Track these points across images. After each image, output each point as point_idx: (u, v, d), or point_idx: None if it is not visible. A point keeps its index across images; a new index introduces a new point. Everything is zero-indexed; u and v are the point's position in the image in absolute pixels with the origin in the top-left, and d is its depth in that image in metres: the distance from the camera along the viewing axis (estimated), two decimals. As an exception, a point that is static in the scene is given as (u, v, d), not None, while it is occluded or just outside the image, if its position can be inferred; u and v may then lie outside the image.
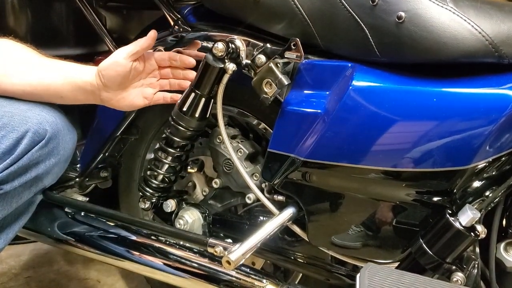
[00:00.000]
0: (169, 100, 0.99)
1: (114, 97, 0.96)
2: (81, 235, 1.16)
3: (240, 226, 1.09)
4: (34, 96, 0.95)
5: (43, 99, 0.96)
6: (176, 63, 0.97)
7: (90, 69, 0.95)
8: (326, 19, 0.85)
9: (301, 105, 0.88)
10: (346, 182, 0.87)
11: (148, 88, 0.98)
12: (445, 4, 0.77)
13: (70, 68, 0.96)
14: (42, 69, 0.95)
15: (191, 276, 1.04)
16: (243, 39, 0.93)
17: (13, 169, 0.86)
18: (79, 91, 0.95)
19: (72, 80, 0.94)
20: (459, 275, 0.79)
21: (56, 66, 0.96)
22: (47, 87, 0.94)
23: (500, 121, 0.74)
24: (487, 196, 0.81)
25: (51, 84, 0.94)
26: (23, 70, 0.94)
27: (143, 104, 0.99)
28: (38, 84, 0.94)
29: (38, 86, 0.94)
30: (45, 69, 0.95)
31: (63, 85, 0.94)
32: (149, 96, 0.98)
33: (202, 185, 1.21)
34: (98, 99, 0.97)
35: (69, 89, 0.95)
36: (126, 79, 0.94)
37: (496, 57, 0.76)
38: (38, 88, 0.94)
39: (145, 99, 0.98)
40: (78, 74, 0.95)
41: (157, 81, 0.99)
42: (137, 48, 0.92)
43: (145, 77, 0.98)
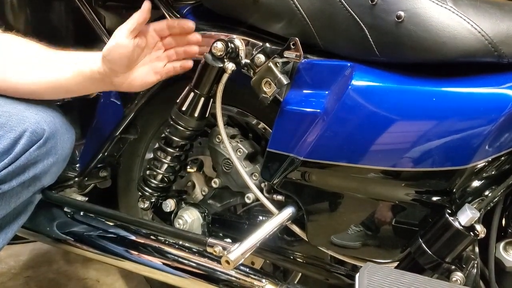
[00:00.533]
0: (179, 69, 0.97)
1: (125, 80, 0.94)
2: (80, 235, 1.16)
3: (240, 225, 1.09)
4: (43, 95, 0.94)
5: (54, 96, 0.95)
6: (175, 30, 0.94)
7: (96, 57, 0.93)
8: (325, 19, 0.85)
9: (301, 104, 0.88)
10: (345, 182, 0.87)
11: (157, 62, 0.95)
12: (444, 3, 0.77)
13: (76, 59, 0.94)
14: (49, 66, 0.93)
15: (190, 275, 1.04)
16: (242, 39, 0.93)
17: (11, 169, 0.86)
18: (89, 82, 0.93)
19: (80, 72, 0.92)
20: (459, 274, 0.79)
21: (62, 60, 0.94)
22: (56, 84, 0.93)
23: (500, 121, 0.74)
24: (486, 195, 0.81)
25: (59, 80, 0.93)
26: (28, 69, 0.93)
27: (156, 79, 0.96)
28: (46, 82, 0.93)
29: (46, 84, 0.93)
30: (52, 65, 0.93)
31: (73, 79, 0.93)
32: (160, 70, 0.95)
33: (201, 185, 1.21)
34: (110, 85, 0.95)
35: (79, 81, 0.93)
36: (132, 59, 0.92)
37: (495, 56, 0.76)
38: (47, 86, 0.93)
39: (156, 74, 0.96)
40: (85, 65, 0.93)
41: (164, 53, 0.96)
42: (134, 24, 0.89)
43: (150, 52, 0.95)
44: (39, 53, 0.95)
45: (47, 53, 0.95)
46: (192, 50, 0.95)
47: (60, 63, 0.94)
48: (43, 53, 0.95)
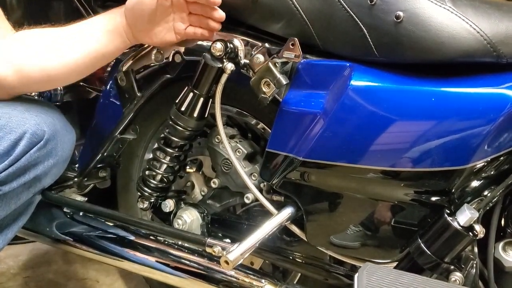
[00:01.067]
0: (200, 35, 0.95)
1: (147, 34, 0.94)
2: (79, 235, 1.16)
3: (239, 226, 1.09)
4: (85, 69, 0.95)
5: (95, 66, 0.96)
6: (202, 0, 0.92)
7: (117, 12, 0.94)
8: (324, 19, 0.85)
9: (300, 104, 0.88)
10: (344, 182, 0.87)
11: (179, 23, 0.94)
12: (443, 3, 0.77)
13: (100, 22, 0.95)
14: (81, 39, 0.94)
15: (190, 276, 1.04)
16: (241, 39, 0.93)
17: (11, 170, 0.85)
18: (119, 39, 0.94)
19: (109, 31, 0.93)
20: (457, 275, 0.78)
21: (88, 29, 0.95)
22: (95, 53, 0.94)
23: (499, 121, 0.74)
24: (485, 195, 0.81)
25: (96, 48, 0.93)
26: (64, 50, 0.93)
27: (175, 39, 0.96)
28: (85, 55, 0.93)
29: (86, 56, 0.93)
30: (82, 37, 0.94)
31: (106, 41, 0.94)
32: (181, 31, 0.95)
33: (200, 185, 1.21)
34: (133, 39, 0.96)
35: (111, 41, 0.94)
36: (154, 16, 0.92)
37: (494, 56, 0.76)
38: (87, 58, 0.94)
39: (176, 35, 0.95)
40: (110, 23, 0.94)
41: (187, 16, 0.94)
42: None
43: (174, 11, 0.93)
44: (62, 34, 0.95)
45: (69, 30, 0.95)
46: (214, 25, 0.93)
47: (85, 32, 0.94)
48: (66, 31, 0.95)
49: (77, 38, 0.94)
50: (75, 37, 0.94)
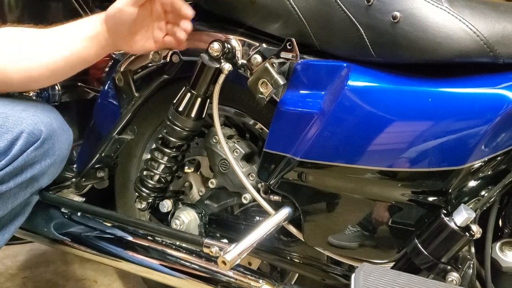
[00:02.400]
0: (175, 44, 0.97)
1: (127, 42, 0.95)
2: (77, 236, 1.16)
3: (236, 226, 1.09)
4: (62, 72, 0.95)
5: (72, 70, 0.96)
6: (176, 11, 0.94)
7: (98, 19, 0.94)
8: (321, 19, 0.85)
9: (297, 105, 0.88)
10: (341, 182, 0.87)
11: (158, 31, 0.96)
12: (440, 4, 0.78)
13: (80, 27, 0.95)
14: (59, 42, 0.94)
15: (188, 276, 1.04)
16: (239, 39, 0.93)
17: (8, 170, 0.85)
18: (98, 45, 0.95)
19: (87, 37, 0.94)
20: (454, 275, 0.79)
21: (68, 32, 0.95)
22: (72, 56, 0.94)
23: (495, 121, 0.74)
24: (482, 196, 0.81)
25: (73, 52, 0.93)
26: (41, 51, 0.93)
27: (155, 47, 0.98)
28: (62, 58, 0.93)
29: (62, 59, 0.93)
30: (61, 40, 0.94)
31: (84, 46, 0.94)
32: (159, 39, 0.96)
33: (198, 185, 1.21)
34: (113, 46, 0.96)
35: (90, 46, 0.94)
36: (134, 25, 0.92)
37: (491, 57, 0.76)
38: (64, 61, 0.94)
39: (156, 43, 0.97)
40: (89, 29, 0.94)
41: (164, 25, 0.96)
42: None
43: (153, 20, 0.95)
44: (44, 34, 0.95)
45: (51, 31, 0.96)
46: (181, 35, 0.95)
47: (67, 35, 0.94)
48: (48, 33, 0.95)
49: (57, 41, 0.94)
50: (56, 40, 0.94)
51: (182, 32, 0.95)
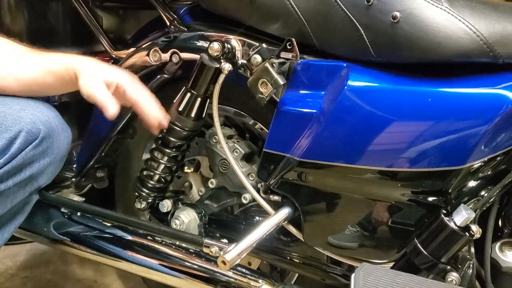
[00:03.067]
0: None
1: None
2: (77, 235, 1.16)
3: (236, 226, 1.09)
4: (16, 91, 0.95)
5: (27, 93, 0.96)
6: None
7: (71, 62, 0.94)
8: (321, 19, 0.85)
9: (297, 105, 0.88)
10: (341, 182, 0.87)
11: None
12: (440, 4, 0.78)
13: (48, 58, 0.95)
14: (21, 62, 0.94)
15: (187, 276, 1.04)
16: (238, 39, 0.93)
17: (7, 169, 0.86)
18: (58, 81, 0.95)
19: (49, 70, 0.94)
20: (454, 275, 0.79)
21: (35, 58, 0.95)
22: (28, 80, 0.94)
23: (495, 121, 0.74)
24: (482, 196, 0.81)
25: (29, 76, 0.93)
26: (13, 65, 0.94)
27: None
28: (17, 77, 0.93)
29: (17, 79, 0.93)
30: (24, 61, 0.94)
31: (43, 76, 0.94)
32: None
33: (198, 185, 1.21)
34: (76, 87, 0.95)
35: (48, 79, 0.94)
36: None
37: (490, 57, 0.76)
38: (18, 81, 0.94)
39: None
40: (56, 65, 0.94)
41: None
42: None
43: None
44: (14, 50, 0.96)
45: (21, 50, 0.96)
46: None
47: (33, 60, 0.94)
48: (18, 50, 0.96)
49: (20, 61, 0.94)
50: (20, 59, 0.94)
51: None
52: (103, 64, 0.96)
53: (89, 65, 0.94)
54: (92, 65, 0.94)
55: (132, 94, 0.93)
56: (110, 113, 0.90)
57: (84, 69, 0.93)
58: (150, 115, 0.94)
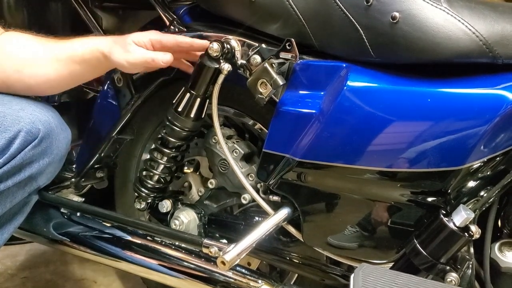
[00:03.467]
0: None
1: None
2: (77, 236, 1.16)
3: (236, 226, 1.09)
4: (61, 85, 0.97)
5: (71, 84, 0.99)
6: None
7: (90, 44, 0.95)
8: (320, 19, 0.85)
9: (296, 105, 0.88)
10: (341, 183, 0.87)
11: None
12: (439, 4, 0.78)
13: (86, 45, 0.96)
14: (62, 57, 0.95)
15: (187, 276, 1.04)
16: (238, 40, 0.93)
17: (6, 169, 0.86)
18: (88, 68, 0.96)
19: (75, 60, 0.95)
20: (453, 275, 0.79)
21: (73, 49, 0.96)
22: (73, 72, 0.95)
23: (495, 121, 0.74)
24: (481, 196, 0.81)
25: (76, 68, 0.95)
26: (43, 63, 0.95)
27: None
28: (63, 72, 0.95)
29: (63, 74, 0.95)
30: (65, 55, 0.95)
31: (87, 64, 0.95)
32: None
33: (197, 186, 1.21)
34: (112, 66, 0.97)
35: (93, 65, 0.96)
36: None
37: (490, 57, 0.76)
38: (64, 75, 0.95)
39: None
40: (79, 52, 0.95)
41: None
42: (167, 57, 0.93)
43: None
44: (48, 45, 0.96)
45: (56, 44, 0.97)
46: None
47: (54, 54, 0.95)
48: (52, 45, 0.96)
49: (60, 55, 0.95)
50: (58, 54, 0.95)
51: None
52: (125, 36, 0.95)
53: (114, 40, 0.94)
54: (116, 39, 0.94)
55: (169, 39, 0.95)
56: (168, 59, 0.92)
57: (112, 45, 0.93)
58: (195, 44, 0.95)
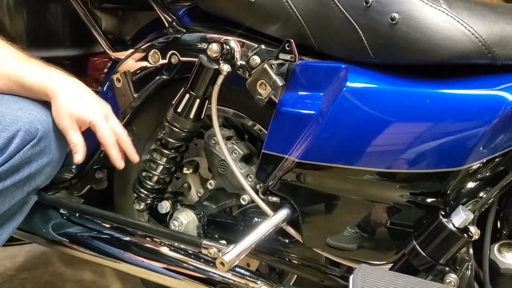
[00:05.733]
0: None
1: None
2: (76, 237, 1.15)
3: (235, 227, 1.09)
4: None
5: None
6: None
7: (45, 78, 0.94)
8: (320, 20, 0.85)
9: (296, 106, 0.88)
10: (340, 183, 0.87)
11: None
12: (438, 5, 0.78)
13: (27, 70, 0.95)
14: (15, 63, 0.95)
15: (186, 277, 1.04)
16: (237, 40, 0.93)
17: (5, 168, 0.86)
18: (32, 95, 0.96)
19: (23, 84, 0.94)
20: (452, 276, 0.79)
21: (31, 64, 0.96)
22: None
23: (494, 122, 0.74)
24: (480, 197, 0.81)
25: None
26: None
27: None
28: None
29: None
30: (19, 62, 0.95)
31: (12, 88, 0.94)
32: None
33: (197, 186, 1.21)
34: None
35: (22, 91, 0.95)
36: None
37: (489, 58, 0.76)
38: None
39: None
40: (31, 79, 0.94)
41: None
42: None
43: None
44: (8, 61, 0.96)
45: (14, 62, 0.95)
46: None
47: (23, 78, 0.94)
48: (10, 62, 0.95)
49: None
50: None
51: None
52: (80, 94, 0.96)
53: (65, 95, 0.94)
54: (68, 96, 0.94)
55: (101, 136, 0.97)
56: (75, 161, 0.94)
57: (59, 98, 0.93)
58: (114, 160, 0.99)
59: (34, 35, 1.29)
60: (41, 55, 1.04)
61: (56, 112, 0.94)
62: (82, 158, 0.94)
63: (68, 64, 1.34)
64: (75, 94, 0.95)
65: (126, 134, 1.02)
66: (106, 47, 1.15)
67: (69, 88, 0.95)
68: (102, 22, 1.27)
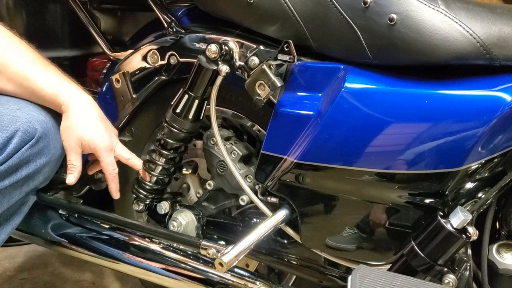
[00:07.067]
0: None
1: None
2: (75, 237, 1.15)
3: (234, 228, 1.09)
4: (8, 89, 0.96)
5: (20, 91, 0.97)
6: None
7: (60, 91, 0.95)
8: (318, 21, 0.85)
9: (294, 107, 0.88)
10: (339, 184, 0.87)
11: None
12: (436, 6, 0.78)
13: (61, 83, 0.96)
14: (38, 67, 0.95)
15: (185, 278, 1.04)
16: (236, 41, 0.93)
17: (3, 168, 0.86)
18: (43, 102, 0.96)
19: (36, 93, 0.95)
20: (451, 277, 0.79)
21: (51, 73, 0.97)
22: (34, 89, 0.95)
23: (492, 123, 0.74)
24: (479, 197, 0.81)
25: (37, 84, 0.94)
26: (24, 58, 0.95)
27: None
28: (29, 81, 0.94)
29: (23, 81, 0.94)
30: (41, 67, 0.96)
31: (24, 93, 0.95)
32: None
33: (196, 187, 1.21)
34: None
35: (32, 98, 0.96)
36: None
37: (487, 59, 0.76)
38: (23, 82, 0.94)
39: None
40: (44, 89, 0.95)
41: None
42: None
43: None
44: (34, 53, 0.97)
45: (29, 69, 0.96)
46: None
47: (36, 86, 0.95)
48: (27, 69, 0.96)
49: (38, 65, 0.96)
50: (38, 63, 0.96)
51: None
52: (93, 117, 0.98)
53: (78, 114, 0.96)
54: (81, 116, 0.96)
55: (103, 168, 1.02)
56: (67, 181, 0.98)
57: (71, 116, 0.95)
58: (111, 191, 1.05)
59: (33, 35, 1.29)
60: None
61: (64, 128, 0.95)
62: (75, 181, 0.99)
63: (67, 65, 1.35)
64: (88, 115, 0.97)
65: (136, 158, 1.06)
66: (105, 48, 1.15)
67: (83, 107, 0.97)
68: (101, 23, 1.27)
